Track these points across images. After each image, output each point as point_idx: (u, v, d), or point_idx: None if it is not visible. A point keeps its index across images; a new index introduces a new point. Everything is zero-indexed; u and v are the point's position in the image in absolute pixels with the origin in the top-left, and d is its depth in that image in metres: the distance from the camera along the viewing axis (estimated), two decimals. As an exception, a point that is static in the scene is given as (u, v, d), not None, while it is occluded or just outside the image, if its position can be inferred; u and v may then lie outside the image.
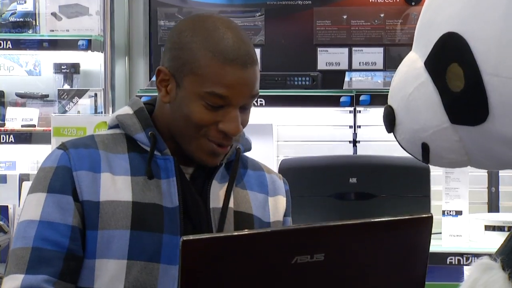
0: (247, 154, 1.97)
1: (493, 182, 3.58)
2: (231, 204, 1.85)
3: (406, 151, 1.77)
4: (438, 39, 1.65)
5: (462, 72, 1.59)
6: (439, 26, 1.65)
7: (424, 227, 1.49)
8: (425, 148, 1.71)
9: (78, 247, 1.75)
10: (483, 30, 1.58)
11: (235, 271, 1.35)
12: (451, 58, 1.62)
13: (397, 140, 1.76)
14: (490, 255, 1.65)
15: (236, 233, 1.44)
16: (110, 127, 1.89)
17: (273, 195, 1.95)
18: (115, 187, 1.78)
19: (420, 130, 1.69)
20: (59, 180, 1.77)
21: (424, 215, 1.49)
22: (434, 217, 1.50)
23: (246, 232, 1.44)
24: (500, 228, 3.12)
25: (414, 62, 1.71)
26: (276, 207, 1.95)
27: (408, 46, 1.78)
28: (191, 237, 1.32)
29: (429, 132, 1.68)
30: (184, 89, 1.78)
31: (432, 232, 1.51)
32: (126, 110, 1.88)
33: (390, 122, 1.74)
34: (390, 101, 1.75)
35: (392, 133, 1.77)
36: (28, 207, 1.78)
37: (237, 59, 1.76)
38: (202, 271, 1.34)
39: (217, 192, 1.84)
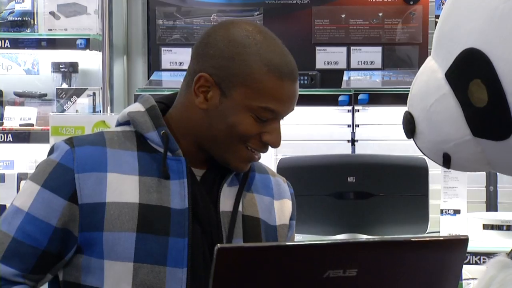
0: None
1: (492, 181, 3.59)
2: (239, 207, 1.83)
3: (427, 157, 1.77)
4: (459, 53, 1.63)
5: (485, 89, 1.59)
6: (460, 40, 1.64)
7: (458, 248, 1.47)
8: (446, 158, 1.71)
9: (56, 248, 1.75)
10: (506, 50, 1.57)
11: (267, 282, 1.36)
12: (474, 74, 1.61)
13: (418, 147, 1.76)
14: (507, 253, 1.65)
15: (270, 244, 1.45)
16: (120, 124, 1.85)
17: (278, 198, 1.93)
18: (122, 188, 1.75)
19: (441, 141, 1.69)
20: (56, 179, 1.75)
21: (460, 237, 1.47)
22: (431, 215, 1.50)
23: (280, 244, 1.46)
24: (498, 227, 3.12)
25: (434, 72, 1.70)
26: (282, 211, 1.93)
27: (406, 45, 1.77)
28: (226, 245, 1.35)
29: (450, 144, 1.68)
30: (232, 100, 1.75)
31: (430, 230, 1.50)
32: (138, 107, 1.84)
33: (410, 130, 1.74)
34: (409, 108, 1.75)
35: (412, 139, 1.76)
36: (23, 193, 1.78)
37: (290, 74, 1.76)
38: (234, 280, 1.34)
39: (226, 195, 1.83)
